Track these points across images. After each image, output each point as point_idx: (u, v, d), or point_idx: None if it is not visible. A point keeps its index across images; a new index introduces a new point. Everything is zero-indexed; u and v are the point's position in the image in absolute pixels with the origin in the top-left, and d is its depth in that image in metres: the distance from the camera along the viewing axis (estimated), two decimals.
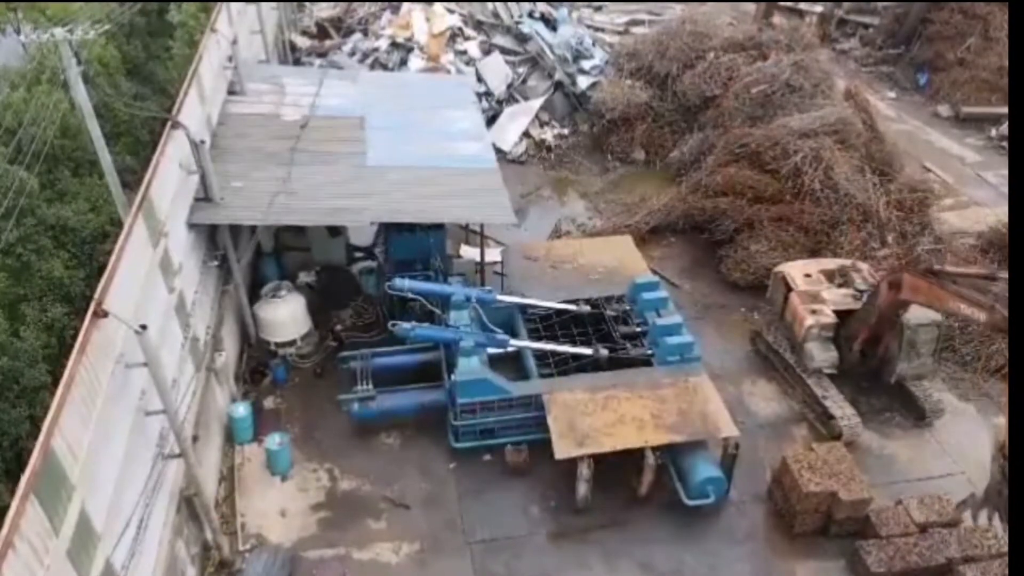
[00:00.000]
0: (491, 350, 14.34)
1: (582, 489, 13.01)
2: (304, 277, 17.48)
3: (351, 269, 18.01)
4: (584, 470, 12.75)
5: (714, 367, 16.31)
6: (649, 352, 14.55)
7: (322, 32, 31.60)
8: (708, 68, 21.97)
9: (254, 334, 16.37)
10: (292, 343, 16.21)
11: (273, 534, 12.95)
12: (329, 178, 16.06)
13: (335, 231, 17.89)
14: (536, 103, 25.19)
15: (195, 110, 15.32)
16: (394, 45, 27.37)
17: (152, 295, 11.38)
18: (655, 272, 19.04)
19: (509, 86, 25.83)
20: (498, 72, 26.09)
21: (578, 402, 13.61)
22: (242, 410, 14.39)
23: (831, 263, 16.52)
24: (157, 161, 12.42)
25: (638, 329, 15.07)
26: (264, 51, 23.73)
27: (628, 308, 15.70)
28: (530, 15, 28.06)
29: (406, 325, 13.61)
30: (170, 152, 13.16)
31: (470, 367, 13.53)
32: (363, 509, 13.44)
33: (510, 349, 14.38)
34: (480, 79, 26.15)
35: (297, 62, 28.56)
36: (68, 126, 15.55)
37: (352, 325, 16.91)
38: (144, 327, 9.53)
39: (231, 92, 18.66)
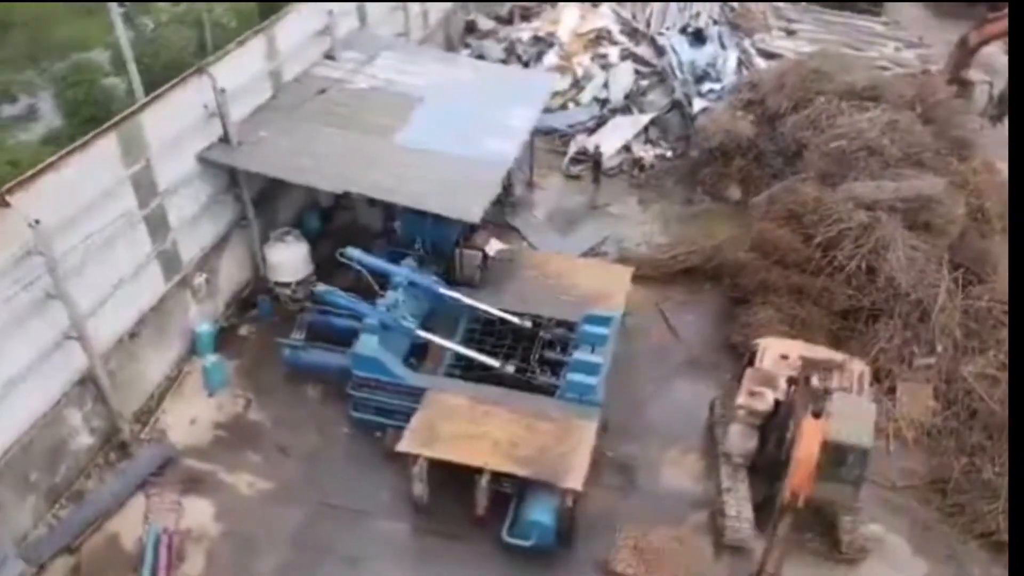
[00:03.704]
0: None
1: (417, 488, 13.16)
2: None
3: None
4: (417, 469, 12.90)
5: (658, 424, 15.35)
6: (555, 383, 14.08)
7: (510, 18, 33.05)
8: (812, 112, 19.72)
9: (262, 271, 18.39)
10: (288, 285, 17.95)
11: (174, 435, 14.85)
12: (348, 147, 17.38)
13: (373, 200, 19.25)
14: (644, 119, 24.40)
15: (253, 63, 17.43)
16: (536, 39, 27.96)
17: (109, 203, 13.54)
18: (662, 313, 18.12)
19: (627, 96, 25.27)
20: (623, 81, 25.62)
21: (454, 407, 13.68)
22: (206, 327, 16.43)
23: (823, 353, 14.44)
24: (156, 96, 14.60)
25: (557, 357, 14.59)
26: (405, 26, 25.52)
27: (570, 335, 15.20)
28: (682, 29, 26.99)
29: (324, 288, 14.59)
30: (189, 93, 15.33)
31: (367, 344, 14.19)
32: (252, 441, 14.83)
33: (418, 338, 14.72)
34: (606, 85, 25.92)
35: (466, 44, 30.27)
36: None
37: (350, 287, 18.20)
38: (37, 221, 11.63)
39: (328, 56, 20.72)
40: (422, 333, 14.70)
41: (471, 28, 31.40)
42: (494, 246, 19.85)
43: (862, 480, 12.21)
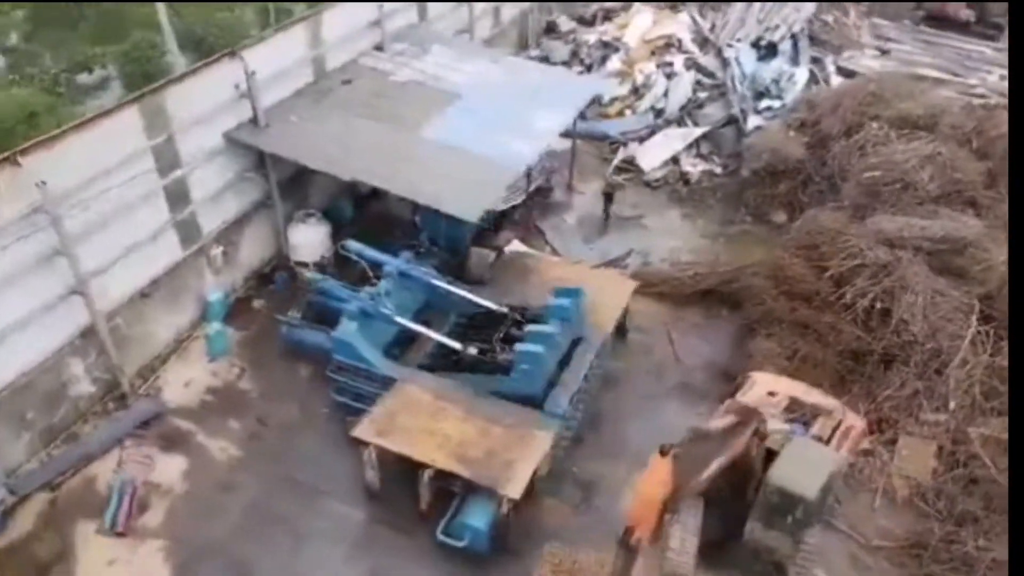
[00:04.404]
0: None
1: (368, 475, 13.43)
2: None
3: None
4: (367, 456, 13.16)
5: (633, 445, 14.91)
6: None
7: (593, 20, 32.82)
8: (861, 138, 18.52)
9: (285, 249, 19.19)
10: (307, 265, 18.68)
11: (168, 394, 15.78)
12: (373, 137, 17.83)
13: None
14: (695, 132, 23.66)
15: (294, 49, 18.20)
16: (603, 44, 27.61)
17: (127, 171, 14.55)
18: (668, 333, 17.60)
19: (683, 107, 24.57)
20: (681, 91, 24.92)
21: (416, 400, 13.85)
22: (217, 296, 17.33)
23: (815, 396, 13.62)
24: (183, 75, 15.54)
25: (519, 334, 14.39)
26: (468, 22, 25.82)
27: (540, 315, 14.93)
28: (755, 43, 25.91)
29: (316, 275, 15.10)
30: (220, 74, 16.21)
31: (346, 328, 14.56)
32: (236, 409, 15.55)
33: (399, 328, 14.92)
34: (666, 94, 25.31)
35: (538, 45, 30.30)
36: None
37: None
38: (44, 182, 12.68)
39: (377, 48, 21.32)
40: (402, 321, 14.89)
41: (551, 28, 31.37)
42: (515, 247, 20.02)
43: (803, 532, 11.42)
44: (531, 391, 13.53)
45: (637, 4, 28.91)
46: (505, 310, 15.18)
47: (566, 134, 22.02)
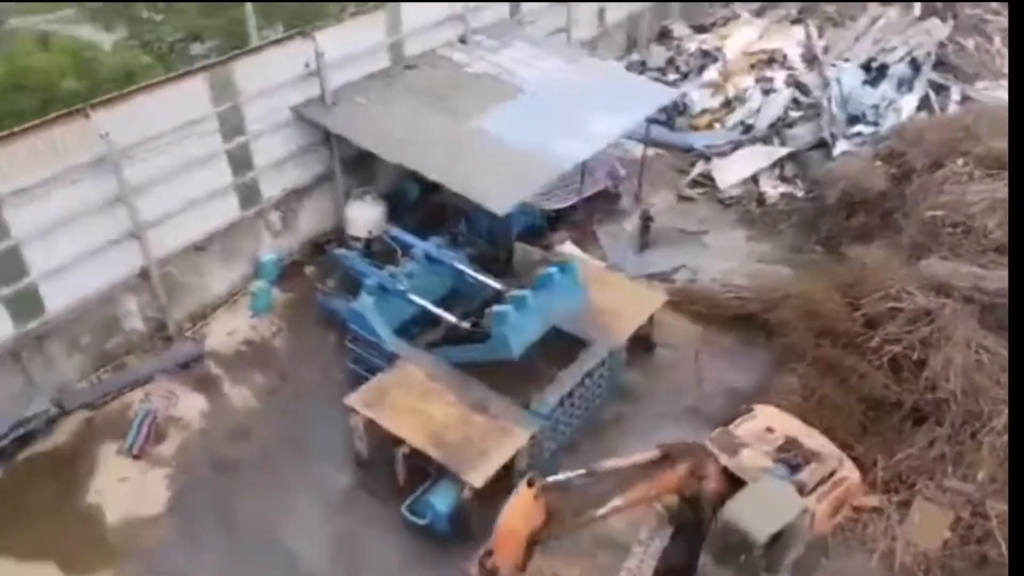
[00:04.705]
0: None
1: (357, 444, 14.05)
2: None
3: None
4: (353, 424, 13.78)
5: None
6: None
7: (711, 27, 32.00)
8: (943, 174, 17.08)
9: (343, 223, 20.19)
10: (358, 239, 19.61)
11: (210, 340, 17.14)
12: (426, 122, 18.39)
13: None
14: (780, 151, 22.62)
15: (370, 34, 19.12)
16: (703, 52, 26.86)
17: (191, 132, 15.94)
18: (695, 355, 17.08)
19: (772, 125, 23.55)
20: (775, 108, 23.89)
21: (411, 378, 14.30)
22: (269, 258, 18.56)
23: (817, 441, 12.81)
24: (252, 49, 16.78)
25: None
26: (566, 21, 25.87)
27: None
28: (865, 64, 24.37)
29: (342, 250, 15.90)
30: (290, 51, 17.35)
31: (363, 301, 15.24)
32: (263, 364, 16.68)
33: (411, 303, 15.38)
34: (759, 110, 24.38)
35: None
36: None
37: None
38: (107, 134, 14.17)
39: (461, 40, 21.93)
40: (415, 299, 15.30)
41: (664, 34, 30.85)
42: (566, 248, 20.06)
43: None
44: (499, 354, 13.57)
45: (745, 15, 27.87)
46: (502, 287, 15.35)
47: (643, 141, 21.76)
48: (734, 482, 11.60)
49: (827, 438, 12.96)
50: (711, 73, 25.91)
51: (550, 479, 8.95)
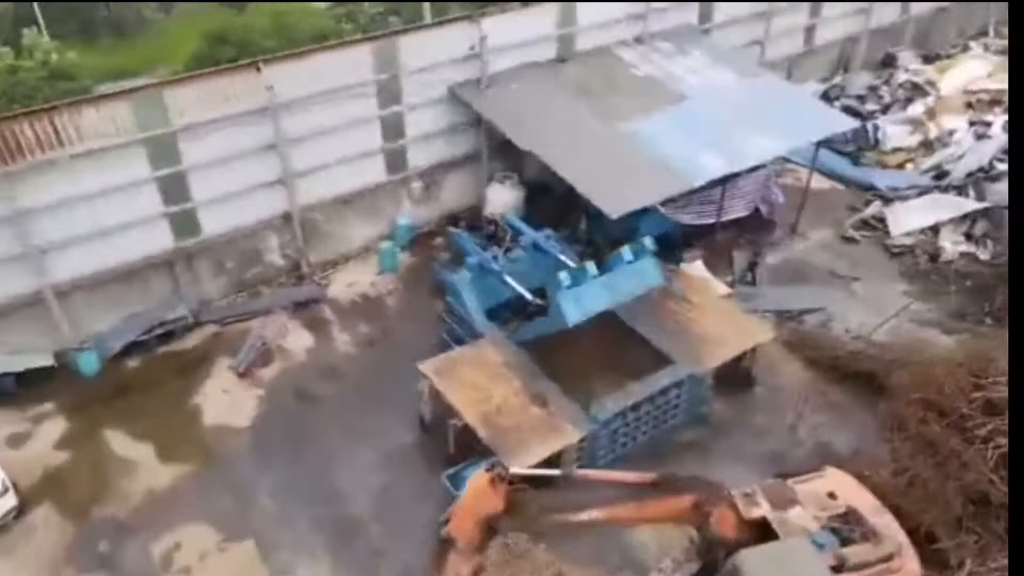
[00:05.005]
0: None
1: (423, 408, 14.63)
2: None
3: None
4: (420, 388, 14.38)
5: None
6: None
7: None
8: None
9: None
10: (493, 221, 20.23)
11: (333, 288, 18.68)
12: (574, 118, 18.52)
13: None
14: (970, 205, 19.98)
15: (539, 25, 19.57)
16: (913, 85, 24.24)
17: (349, 95, 17.37)
18: (798, 401, 15.81)
19: (971, 174, 20.82)
20: (978, 157, 21.10)
21: (485, 358, 14.57)
22: (404, 222, 19.75)
23: (885, 521, 11.43)
24: (419, 27, 17.87)
25: None
26: (764, 35, 24.58)
27: None
28: None
29: (455, 229, 16.61)
30: (456, 34, 18.27)
31: (461, 276, 15.80)
32: (372, 318, 17.86)
33: (505, 285, 15.64)
34: (961, 157, 21.71)
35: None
36: None
37: None
38: (271, 87, 15.88)
39: (637, 40, 21.69)
40: (509, 280, 15.51)
41: (888, 61, 28.34)
42: (694, 267, 19.28)
43: None
44: (557, 324, 13.68)
45: (976, 48, 24.73)
46: None
47: (809, 167, 20.27)
48: (766, 533, 10.72)
49: (900, 523, 11.53)
50: (916, 108, 23.40)
51: (513, 471, 8.83)
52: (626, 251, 14.32)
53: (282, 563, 12.74)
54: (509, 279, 15.48)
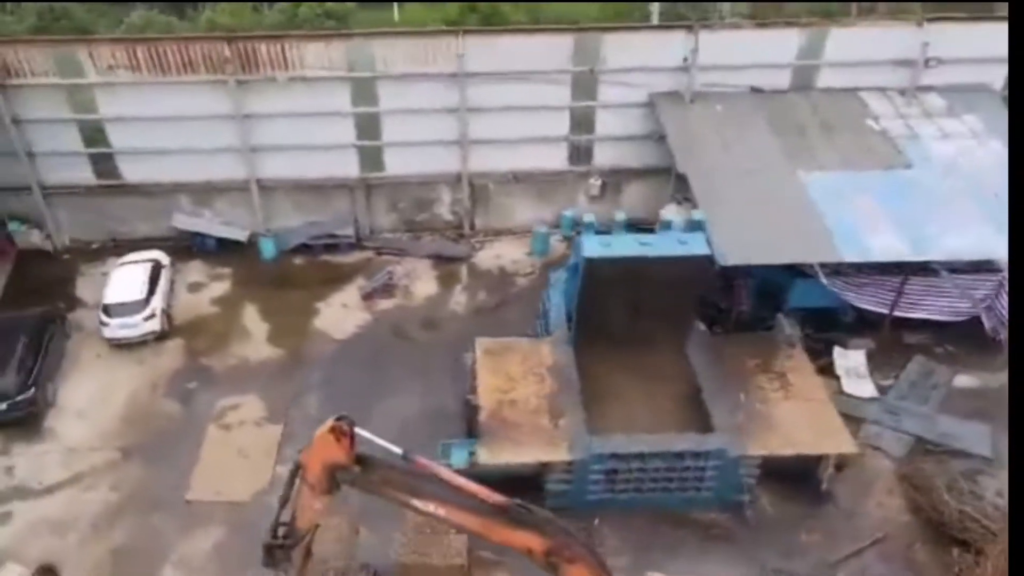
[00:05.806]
0: None
1: (468, 360, 15.05)
2: None
3: None
4: (467, 359, 14.94)
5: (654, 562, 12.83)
6: None
7: None
8: None
9: None
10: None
11: (481, 254, 19.91)
12: (757, 156, 16.88)
13: None
14: None
15: (771, 50, 18.18)
16: None
17: (540, 78, 17.99)
18: (872, 541, 13.23)
19: None
20: None
21: (534, 356, 14.64)
22: (568, 214, 19.92)
23: None
24: (627, 27, 17.92)
25: None
26: None
27: None
28: None
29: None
30: (670, 40, 17.84)
31: (556, 275, 16.01)
32: (495, 290, 18.82)
33: None
34: None
35: None
36: None
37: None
38: (461, 55, 17.31)
39: (901, 91, 18.63)
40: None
41: None
42: (850, 356, 16.51)
43: None
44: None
45: None
46: None
47: None
48: None
49: None
50: None
51: (357, 431, 8.89)
52: (676, 219, 14.41)
53: (285, 457, 14.41)
54: None
